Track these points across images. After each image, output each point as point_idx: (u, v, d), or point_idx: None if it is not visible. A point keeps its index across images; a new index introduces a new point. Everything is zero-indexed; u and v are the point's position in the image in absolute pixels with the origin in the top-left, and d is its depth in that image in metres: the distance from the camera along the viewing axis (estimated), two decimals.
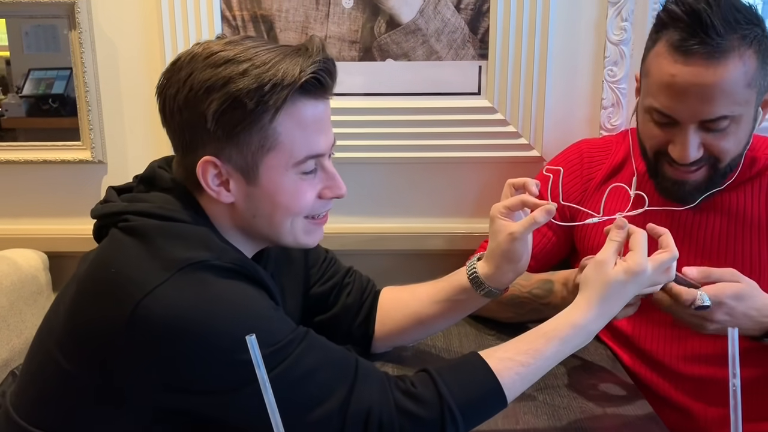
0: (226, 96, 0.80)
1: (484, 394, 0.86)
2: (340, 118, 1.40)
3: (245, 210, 0.88)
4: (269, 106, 0.81)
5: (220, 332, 0.77)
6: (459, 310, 1.08)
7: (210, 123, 0.81)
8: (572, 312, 0.89)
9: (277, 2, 1.36)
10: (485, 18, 1.36)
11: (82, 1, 1.36)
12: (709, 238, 1.12)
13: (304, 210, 0.89)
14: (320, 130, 0.87)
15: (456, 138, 1.42)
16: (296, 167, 0.86)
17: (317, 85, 0.84)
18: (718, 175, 1.06)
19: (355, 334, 1.12)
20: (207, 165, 0.84)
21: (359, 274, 1.17)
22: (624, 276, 0.87)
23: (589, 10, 1.36)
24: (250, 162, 0.84)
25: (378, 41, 1.38)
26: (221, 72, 0.80)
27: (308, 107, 0.84)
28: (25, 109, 1.50)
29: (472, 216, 1.48)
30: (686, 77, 0.99)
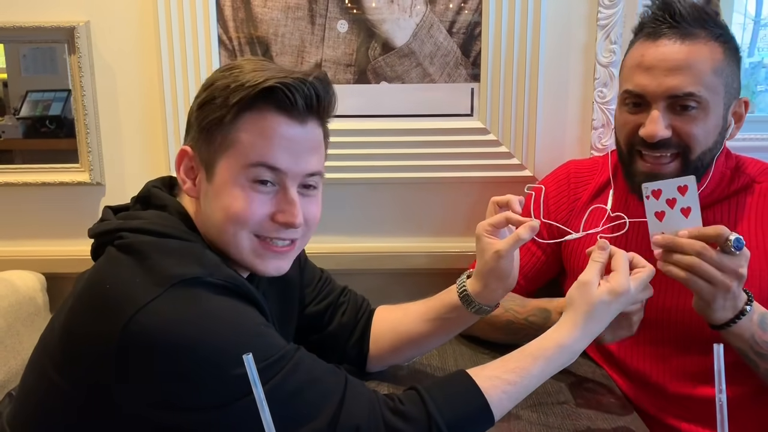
0: (208, 91, 0.87)
1: (472, 412, 0.87)
2: (336, 140, 1.41)
3: (204, 208, 0.89)
4: (230, 104, 0.84)
5: (211, 348, 0.78)
6: (450, 328, 1.09)
7: (194, 114, 0.88)
8: (558, 332, 0.91)
9: (274, 26, 1.39)
10: (477, 41, 1.39)
11: (81, 26, 1.38)
12: None
13: (247, 220, 0.86)
14: (288, 148, 0.86)
15: (449, 158, 1.44)
16: (247, 171, 0.85)
17: (285, 101, 0.84)
18: (690, 169, 1.07)
19: (350, 353, 1.13)
20: (183, 154, 0.89)
21: (354, 293, 1.18)
22: (608, 296, 0.89)
23: (578, 33, 1.39)
24: (211, 157, 0.87)
25: (372, 64, 1.41)
26: (219, 75, 0.88)
27: (278, 122, 0.85)
28: (22, 131, 1.51)
29: (464, 235, 1.49)
30: (655, 54, 1.06)
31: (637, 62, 1.08)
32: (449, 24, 1.39)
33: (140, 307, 0.77)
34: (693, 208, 0.97)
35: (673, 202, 0.98)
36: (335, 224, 1.51)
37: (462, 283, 1.05)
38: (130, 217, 0.89)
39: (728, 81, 1.06)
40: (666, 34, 1.05)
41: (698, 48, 1.04)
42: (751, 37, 1.53)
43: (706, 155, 1.08)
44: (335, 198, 1.49)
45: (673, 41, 1.05)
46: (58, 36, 1.40)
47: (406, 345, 1.11)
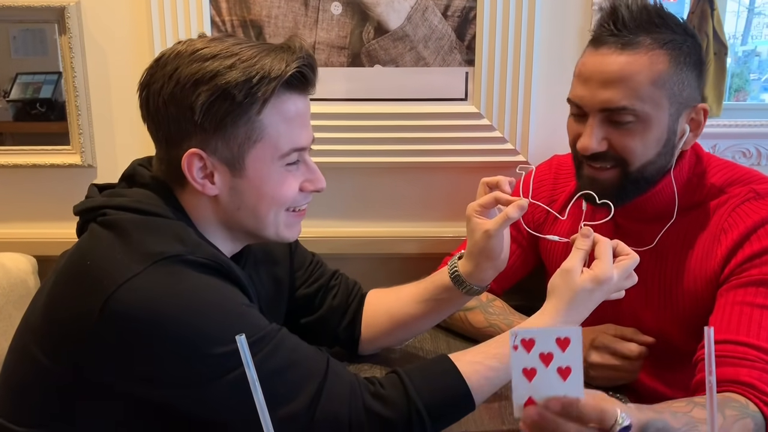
0: (215, 88, 0.81)
1: (452, 397, 0.87)
2: (329, 123, 1.42)
3: (229, 202, 0.89)
4: (257, 98, 0.82)
5: (190, 326, 0.78)
6: (442, 310, 1.10)
7: (198, 115, 0.82)
8: (541, 319, 0.91)
9: (267, 8, 1.38)
10: (472, 25, 1.39)
11: (72, 6, 1.37)
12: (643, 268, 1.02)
13: (288, 201, 0.90)
14: (303, 124, 0.89)
15: (443, 143, 1.44)
16: (281, 159, 0.88)
17: (301, 80, 0.87)
18: (630, 180, 1.04)
19: (341, 336, 1.14)
20: (192, 157, 0.85)
21: (345, 277, 1.18)
22: (591, 284, 0.89)
23: (573, 17, 1.39)
24: (236, 154, 0.85)
25: (366, 47, 1.40)
26: (208, 66, 0.82)
27: (292, 101, 0.87)
28: (12, 114, 1.49)
29: (457, 220, 1.49)
30: (593, 64, 1.03)
31: (578, 71, 1.06)
32: (444, 7, 1.38)
33: (120, 283, 0.77)
34: (574, 369, 0.70)
35: (549, 358, 0.71)
36: (328, 208, 1.51)
37: (453, 264, 1.05)
38: (114, 194, 0.90)
39: (675, 91, 1.00)
40: (606, 42, 1.01)
41: (636, 59, 0.99)
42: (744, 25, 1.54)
43: (648, 168, 1.04)
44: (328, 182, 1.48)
45: (612, 50, 1.00)
46: (48, 16, 1.39)
47: (398, 327, 1.11)
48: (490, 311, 1.21)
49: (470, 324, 1.24)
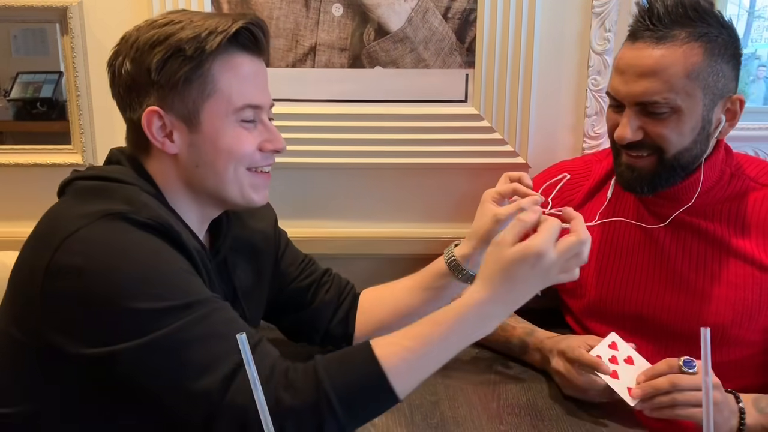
0: (168, 47, 0.87)
1: (367, 382, 0.81)
2: (330, 124, 1.43)
3: (188, 160, 0.92)
4: (205, 51, 0.87)
5: (118, 277, 0.80)
6: (437, 299, 1.10)
7: (154, 74, 0.87)
8: (466, 294, 0.86)
9: (268, 9, 1.38)
10: (472, 27, 1.39)
11: (74, 6, 1.37)
12: (680, 258, 1.14)
13: (246, 157, 0.93)
14: (257, 85, 0.94)
15: (443, 144, 1.44)
16: (235, 114, 0.91)
17: (251, 39, 0.91)
18: (666, 167, 1.08)
19: (334, 332, 1.15)
20: (152, 115, 0.89)
21: (338, 275, 1.20)
22: (520, 255, 0.82)
23: (573, 21, 1.39)
24: (191, 108, 0.89)
25: (367, 49, 1.40)
26: (164, 30, 0.88)
27: (244, 60, 0.92)
28: (12, 113, 1.50)
29: (456, 221, 1.50)
30: (629, 57, 1.06)
31: (616, 64, 1.10)
32: (444, 9, 1.38)
33: (64, 238, 0.81)
34: (632, 355, 1.03)
35: (615, 359, 1.02)
36: (327, 209, 1.51)
37: (450, 251, 1.08)
38: (87, 169, 0.95)
39: (709, 82, 1.04)
40: (642, 36, 1.05)
41: (671, 52, 1.03)
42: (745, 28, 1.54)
43: (684, 155, 1.07)
44: (327, 183, 1.49)
45: (647, 44, 1.04)
46: (50, 16, 1.39)
47: (394, 319, 1.12)
48: None
49: None
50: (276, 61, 1.41)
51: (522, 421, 1.02)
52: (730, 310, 1.10)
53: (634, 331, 1.18)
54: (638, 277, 1.17)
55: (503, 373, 1.17)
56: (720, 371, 0.97)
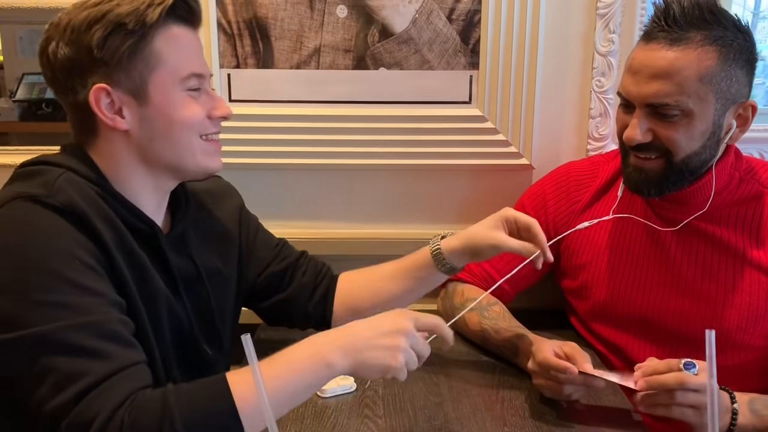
0: (107, 23, 0.87)
1: (219, 422, 0.78)
2: (334, 125, 1.43)
3: (142, 135, 0.92)
4: (147, 23, 0.88)
5: (11, 261, 0.80)
6: (419, 288, 1.15)
7: (96, 51, 0.87)
8: (324, 356, 0.84)
9: (273, 10, 1.38)
10: (476, 29, 1.39)
11: None
12: (686, 262, 1.14)
13: (197, 124, 0.94)
14: (197, 54, 0.95)
15: (447, 146, 1.44)
16: (182, 83, 0.92)
17: (187, 10, 0.93)
18: (674, 171, 1.07)
19: (312, 313, 1.17)
20: (99, 92, 0.89)
21: (314, 258, 1.22)
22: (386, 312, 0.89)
23: (577, 22, 1.39)
24: (138, 82, 0.90)
25: (371, 50, 1.40)
26: (99, 8, 0.88)
27: (182, 32, 0.93)
28: (18, 114, 1.50)
29: (460, 222, 1.49)
30: (642, 58, 1.05)
31: (628, 65, 1.09)
32: (449, 11, 1.38)
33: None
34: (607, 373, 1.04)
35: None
36: (330, 210, 1.51)
37: (436, 242, 1.11)
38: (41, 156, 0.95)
39: (722, 86, 1.02)
40: (657, 37, 1.04)
41: (685, 54, 1.01)
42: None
43: (693, 159, 1.07)
44: (331, 183, 1.49)
45: (662, 46, 1.03)
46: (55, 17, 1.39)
47: (371, 304, 1.15)
48: (485, 315, 1.23)
49: (466, 325, 1.26)
50: (280, 62, 1.41)
51: (526, 422, 1.02)
52: (736, 314, 1.09)
53: (639, 335, 1.18)
54: (644, 280, 1.17)
55: (507, 374, 1.17)
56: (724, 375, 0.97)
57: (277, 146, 1.44)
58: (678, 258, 1.14)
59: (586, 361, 1.02)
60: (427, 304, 1.47)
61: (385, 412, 1.04)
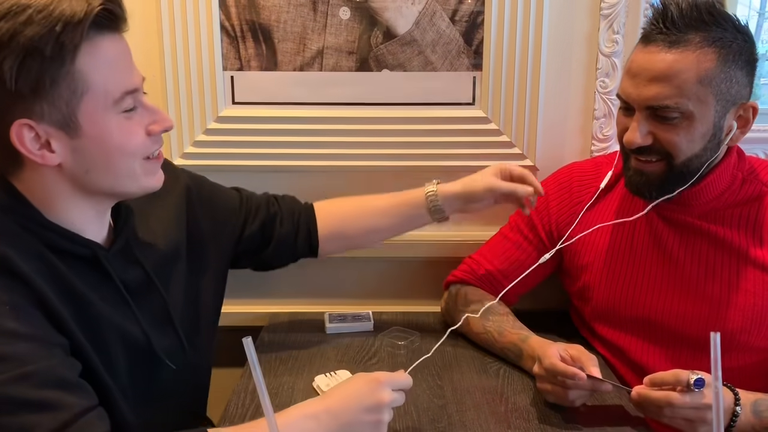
0: (18, 49, 0.74)
1: None
2: (337, 127, 1.43)
3: (75, 167, 0.83)
4: (67, 47, 0.76)
5: None
6: (406, 226, 1.24)
7: (9, 83, 0.75)
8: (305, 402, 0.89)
9: (276, 13, 1.38)
10: (480, 30, 1.39)
11: None
12: (689, 263, 1.14)
13: (139, 149, 0.85)
14: (127, 65, 0.84)
15: (450, 147, 1.44)
16: (116, 106, 0.82)
17: (110, 18, 0.81)
18: (675, 173, 1.07)
19: (300, 251, 1.22)
20: (21, 129, 0.78)
21: (282, 198, 1.24)
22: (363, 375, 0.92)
23: (581, 23, 1.39)
24: (66, 113, 0.79)
25: (374, 52, 1.40)
26: (3, 26, 0.75)
27: (107, 43, 0.81)
28: None
29: (463, 223, 1.49)
30: (641, 61, 1.05)
31: (627, 67, 1.08)
32: (452, 12, 1.38)
33: None
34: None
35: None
36: None
37: (432, 186, 1.20)
38: None
39: (722, 88, 1.02)
40: (655, 40, 1.03)
41: (684, 57, 1.01)
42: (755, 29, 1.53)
43: (693, 161, 1.06)
44: (336, 186, 1.49)
45: (660, 48, 1.02)
46: None
47: (358, 234, 1.23)
48: (488, 318, 1.22)
49: (470, 327, 1.25)
50: (284, 64, 1.41)
51: (530, 425, 1.02)
52: (740, 316, 1.09)
53: (643, 336, 1.17)
54: (647, 281, 1.17)
55: (511, 376, 1.17)
56: (728, 377, 0.97)
57: (280, 148, 1.44)
58: (681, 259, 1.14)
59: (593, 363, 1.01)
60: (429, 306, 1.47)
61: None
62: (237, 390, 1.12)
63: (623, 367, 1.20)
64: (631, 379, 1.18)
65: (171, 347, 0.98)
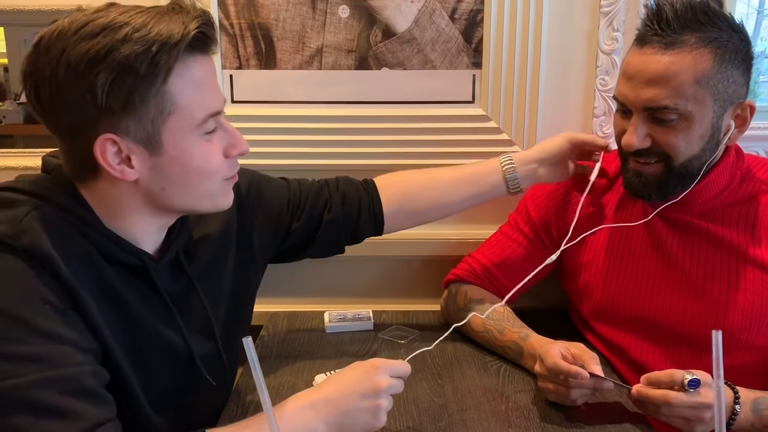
0: (113, 65, 0.75)
1: None
2: (337, 126, 1.43)
3: (152, 184, 0.84)
4: (160, 67, 0.77)
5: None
6: (479, 197, 1.21)
7: (100, 97, 0.76)
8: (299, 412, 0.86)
9: (275, 11, 1.38)
10: (479, 28, 1.39)
11: None
12: (689, 262, 1.13)
13: (218, 170, 0.87)
14: (213, 88, 0.86)
15: (450, 145, 1.44)
16: (199, 128, 0.83)
17: (203, 40, 0.82)
18: (674, 174, 1.07)
19: (363, 231, 1.20)
20: (105, 143, 0.79)
21: (334, 183, 1.20)
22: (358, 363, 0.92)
23: (581, 20, 1.39)
24: (150, 131, 0.80)
25: (374, 50, 1.40)
26: (100, 41, 0.75)
27: (198, 65, 0.82)
28: (22, 116, 1.51)
29: (464, 222, 1.49)
30: (637, 63, 1.04)
31: (623, 69, 1.08)
32: (451, 10, 1.38)
33: None
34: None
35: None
36: None
37: (507, 155, 1.21)
38: (16, 179, 0.87)
39: (719, 88, 1.01)
40: (651, 42, 1.02)
41: (681, 58, 1.00)
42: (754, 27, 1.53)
43: (693, 162, 1.06)
44: None
45: (656, 50, 1.01)
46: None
47: (433, 209, 1.21)
48: (489, 315, 1.22)
49: (470, 326, 1.25)
50: (283, 63, 1.41)
51: (530, 423, 1.02)
52: (740, 314, 1.09)
53: (642, 335, 1.17)
54: (646, 280, 1.17)
55: (511, 375, 1.17)
56: (728, 376, 0.97)
57: (279, 147, 1.43)
58: (680, 258, 1.14)
59: (594, 362, 1.01)
60: (429, 305, 1.47)
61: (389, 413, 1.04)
62: (237, 389, 1.12)
63: (623, 366, 1.20)
64: (631, 378, 1.18)
65: (211, 358, 0.99)
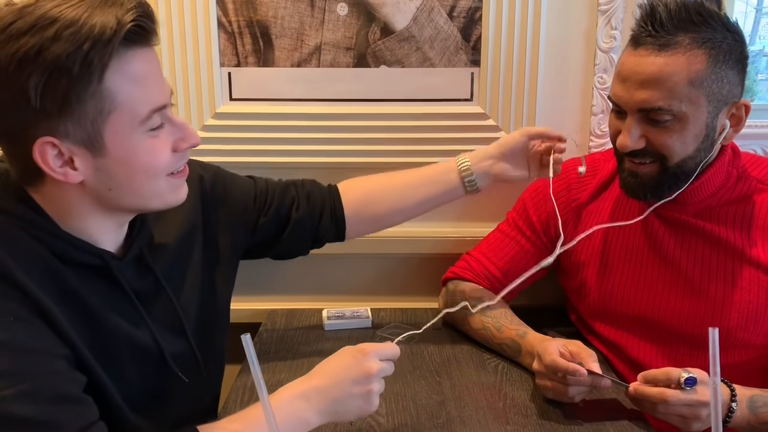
0: (45, 65, 0.72)
1: None
2: (335, 124, 1.43)
3: (98, 185, 0.81)
4: (95, 65, 0.73)
5: None
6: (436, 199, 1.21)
7: (34, 99, 0.73)
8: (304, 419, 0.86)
9: (273, 9, 1.38)
10: (478, 26, 1.39)
11: None
12: (685, 261, 1.14)
13: (164, 168, 0.84)
14: (156, 80, 0.81)
15: (448, 143, 1.44)
16: (143, 125, 0.80)
17: (140, 32, 0.77)
18: (669, 175, 1.07)
19: (324, 234, 1.19)
20: (44, 147, 0.76)
21: (301, 183, 1.21)
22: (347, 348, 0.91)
23: (579, 19, 1.39)
24: (91, 132, 0.77)
25: (372, 48, 1.40)
26: (29, 41, 0.71)
27: (137, 59, 0.78)
28: None
29: (462, 220, 1.50)
30: (631, 64, 1.04)
31: (617, 70, 1.08)
32: (450, 8, 1.38)
33: None
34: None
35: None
36: None
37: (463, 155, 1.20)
38: None
39: (713, 89, 1.01)
40: (644, 43, 1.02)
41: (674, 59, 1.00)
42: (752, 25, 1.53)
43: (688, 162, 1.06)
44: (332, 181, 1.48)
45: (650, 51, 1.01)
46: None
47: (390, 213, 1.21)
48: (487, 314, 1.22)
49: (469, 324, 1.26)
50: (281, 60, 1.41)
51: (528, 420, 1.02)
52: (736, 313, 1.09)
53: (639, 333, 1.18)
54: (642, 278, 1.17)
55: (509, 372, 1.17)
56: (725, 373, 0.97)
57: (277, 144, 1.43)
58: (676, 257, 1.14)
59: (593, 360, 1.01)
60: (427, 303, 1.47)
61: (387, 410, 1.04)
62: (235, 387, 1.12)
63: (620, 364, 1.21)
64: (629, 376, 1.18)
65: (183, 357, 0.97)
